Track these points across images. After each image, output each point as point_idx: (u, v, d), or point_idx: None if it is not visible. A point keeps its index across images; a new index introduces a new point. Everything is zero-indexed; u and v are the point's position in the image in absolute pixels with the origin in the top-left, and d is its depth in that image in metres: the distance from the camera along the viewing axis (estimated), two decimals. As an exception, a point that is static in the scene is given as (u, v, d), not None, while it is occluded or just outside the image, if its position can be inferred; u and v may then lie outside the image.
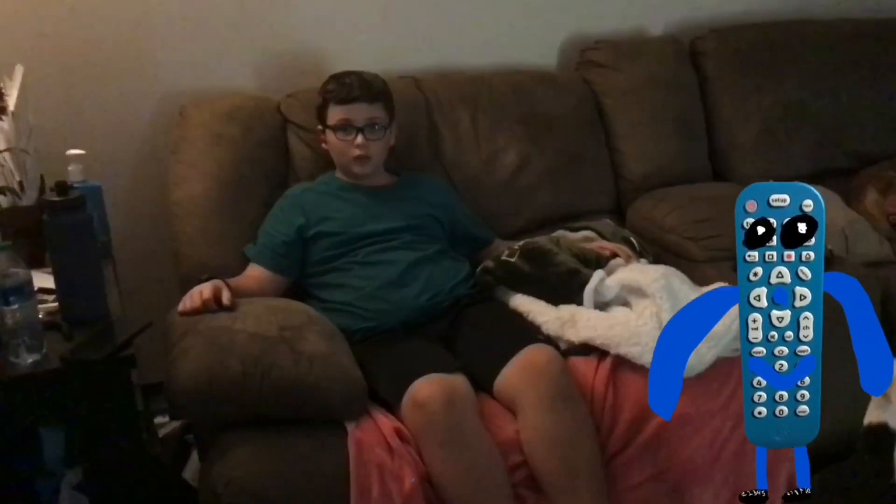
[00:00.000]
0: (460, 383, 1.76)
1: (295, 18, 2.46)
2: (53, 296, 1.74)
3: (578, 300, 1.95)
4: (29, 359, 1.56)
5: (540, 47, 2.74)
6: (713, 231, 2.24)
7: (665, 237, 2.36)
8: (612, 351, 1.83)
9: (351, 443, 1.67)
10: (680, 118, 2.66)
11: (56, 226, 1.68)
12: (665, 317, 1.81)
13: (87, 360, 1.57)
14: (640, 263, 2.14)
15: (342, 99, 2.10)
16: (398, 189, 2.21)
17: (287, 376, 1.67)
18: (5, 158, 1.95)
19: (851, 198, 2.63)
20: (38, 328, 1.59)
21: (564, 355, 1.87)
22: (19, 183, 1.96)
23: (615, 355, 1.83)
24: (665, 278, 1.90)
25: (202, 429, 1.88)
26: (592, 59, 2.68)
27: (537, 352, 1.83)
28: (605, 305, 1.96)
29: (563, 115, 2.54)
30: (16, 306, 1.54)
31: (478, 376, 1.84)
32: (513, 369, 1.81)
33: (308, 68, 2.43)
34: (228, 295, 1.84)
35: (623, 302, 1.96)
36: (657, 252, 2.32)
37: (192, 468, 2.16)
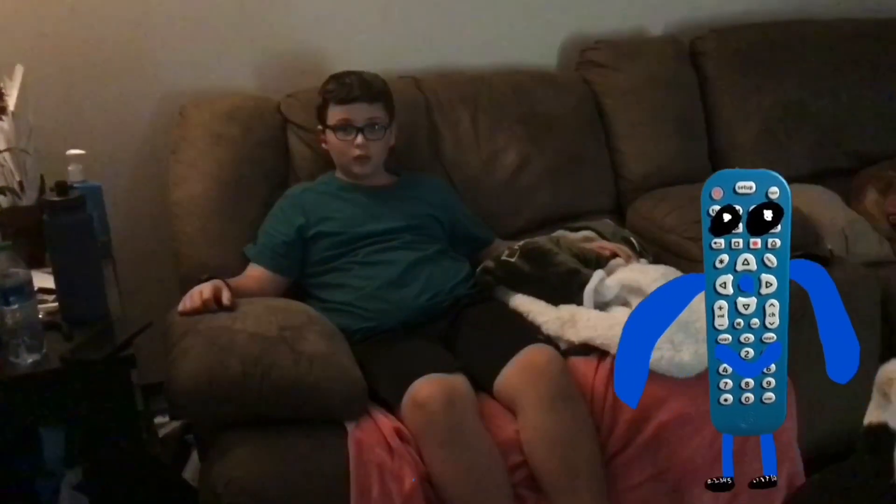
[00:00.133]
0: (460, 383, 1.76)
1: (295, 18, 2.46)
2: (53, 296, 1.74)
3: (578, 300, 1.94)
4: (29, 359, 1.56)
5: (540, 47, 2.74)
6: (713, 231, 2.24)
7: (665, 237, 2.36)
8: (612, 351, 1.82)
9: (351, 443, 1.66)
10: (680, 118, 2.65)
11: (56, 226, 1.68)
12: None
13: (87, 360, 1.56)
14: (640, 263, 2.14)
15: (342, 99, 2.10)
16: (398, 189, 2.21)
17: (287, 376, 1.67)
18: (5, 158, 1.94)
19: (851, 198, 2.63)
20: (38, 328, 1.59)
21: (564, 355, 1.87)
22: (19, 183, 1.96)
23: (615, 355, 1.82)
24: (665, 278, 1.90)
25: (202, 429, 1.88)
26: (592, 59, 2.68)
27: (537, 352, 1.83)
28: (605, 305, 1.96)
29: (563, 115, 2.54)
30: (16, 306, 1.54)
31: (478, 376, 1.84)
32: (513, 369, 1.81)
33: (308, 68, 2.43)
34: (228, 295, 1.84)
35: (623, 302, 1.96)
36: (657, 252, 2.32)
37: (192, 468, 2.16)
